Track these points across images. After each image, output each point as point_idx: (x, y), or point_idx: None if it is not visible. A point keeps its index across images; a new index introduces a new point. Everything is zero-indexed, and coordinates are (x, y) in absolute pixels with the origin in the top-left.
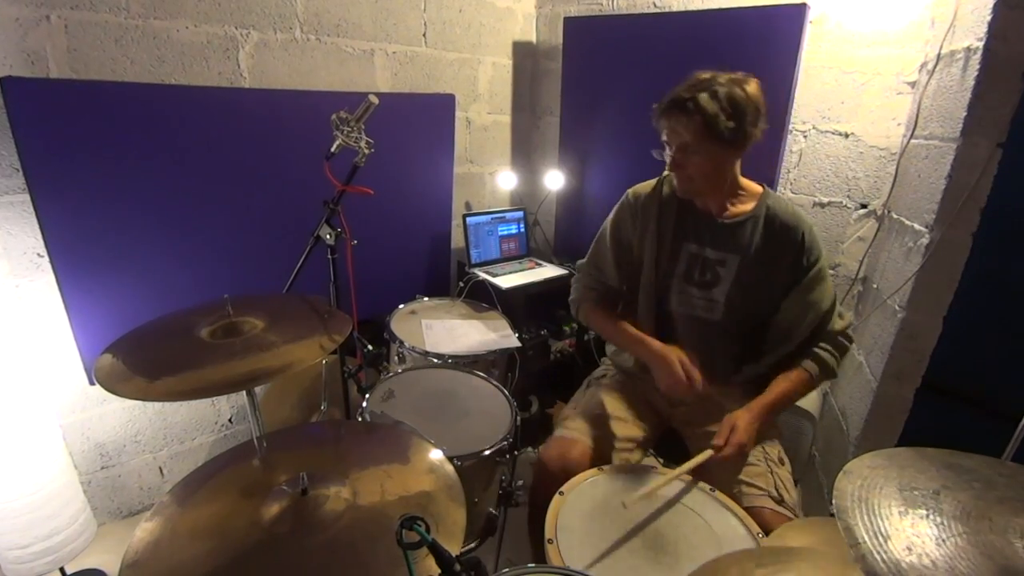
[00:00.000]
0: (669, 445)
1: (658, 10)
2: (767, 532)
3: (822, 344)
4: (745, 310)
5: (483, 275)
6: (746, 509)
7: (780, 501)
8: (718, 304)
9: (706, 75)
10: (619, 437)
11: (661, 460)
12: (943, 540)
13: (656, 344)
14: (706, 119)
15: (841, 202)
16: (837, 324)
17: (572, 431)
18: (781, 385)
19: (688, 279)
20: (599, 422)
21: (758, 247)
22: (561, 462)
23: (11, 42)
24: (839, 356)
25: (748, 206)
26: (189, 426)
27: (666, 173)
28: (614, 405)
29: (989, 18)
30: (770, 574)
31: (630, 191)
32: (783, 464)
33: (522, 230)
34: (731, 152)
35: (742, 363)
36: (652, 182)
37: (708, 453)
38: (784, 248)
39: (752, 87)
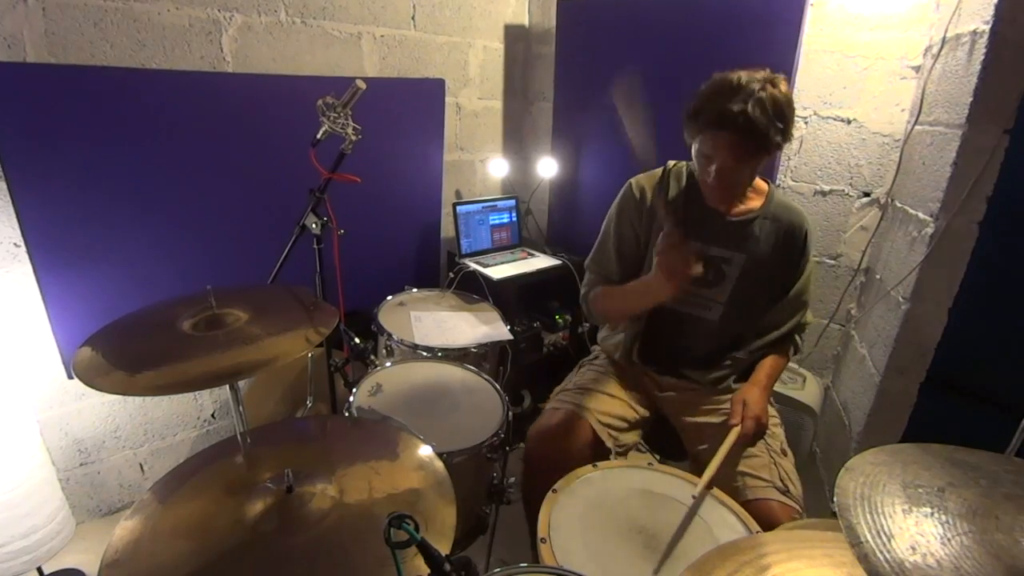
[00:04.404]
0: (663, 441)
1: None
2: (775, 525)
3: (799, 335)
4: (744, 309)
5: (474, 265)
6: (752, 502)
7: (786, 492)
8: (718, 304)
9: (734, 77)
10: (611, 413)
11: (657, 456)
12: (948, 539)
13: (643, 280)
14: (757, 136)
15: (843, 190)
16: (808, 317)
17: (565, 404)
18: (768, 364)
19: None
20: (592, 396)
21: (765, 246)
22: (554, 433)
23: None
24: (802, 336)
25: (756, 203)
26: (170, 421)
27: (672, 164)
28: (606, 383)
29: (996, 0)
30: (774, 564)
31: (632, 182)
32: (786, 455)
33: (514, 219)
34: (772, 157)
35: (727, 353)
36: (656, 174)
37: (733, 434)
38: (790, 248)
39: (784, 86)
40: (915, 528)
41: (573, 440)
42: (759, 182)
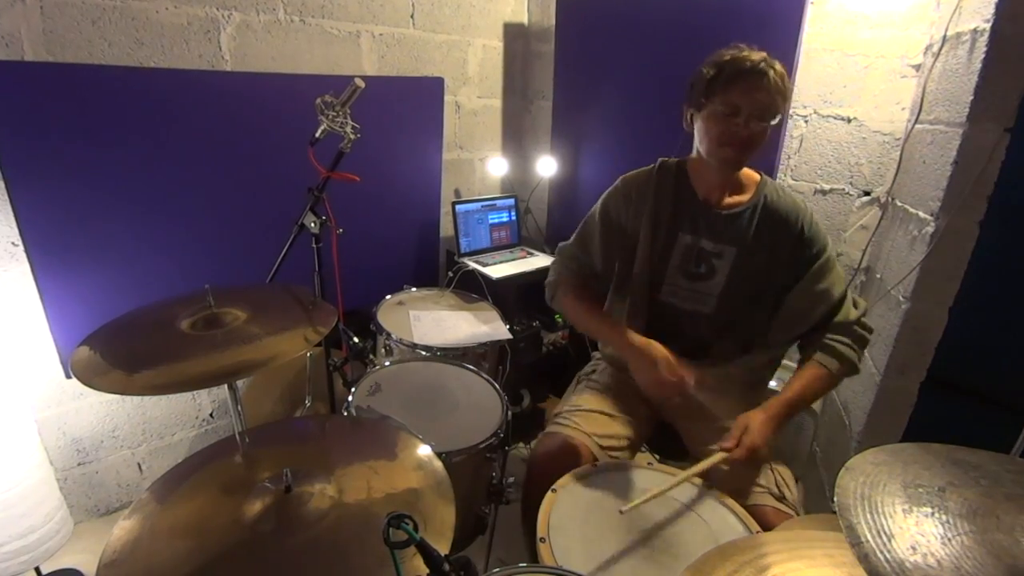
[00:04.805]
0: (663, 440)
1: None
2: (768, 531)
3: (837, 337)
4: (739, 303)
5: (473, 264)
6: (747, 507)
7: (781, 498)
8: (711, 297)
9: (740, 46)
10: (611, 435)
11: (657, 456)
12: (949, 539)
13: (636, 339)
14: (784, 87)
15: (843, 189)
16: (851, 313)
17: (564, 427)
18: (796, 384)
19: (682, 271)
20: (591, 418)
21: (756, 239)
22: (554, 458)
23: None
24: (858, 348)
25: (746, 196)
26: (169, 421)
27: (662, 160)
28: (605, 402)
29: None
30: (774, 565)
31: (622, 178)
32: (782, 460)
33: (513, 218)
34: (779, 123)
35: (738, 353)
36: (646, 169)
37: (719, 456)
38: (783, 240)
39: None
40: (916, 528)
41: (573, 466)
42: (751, 173)
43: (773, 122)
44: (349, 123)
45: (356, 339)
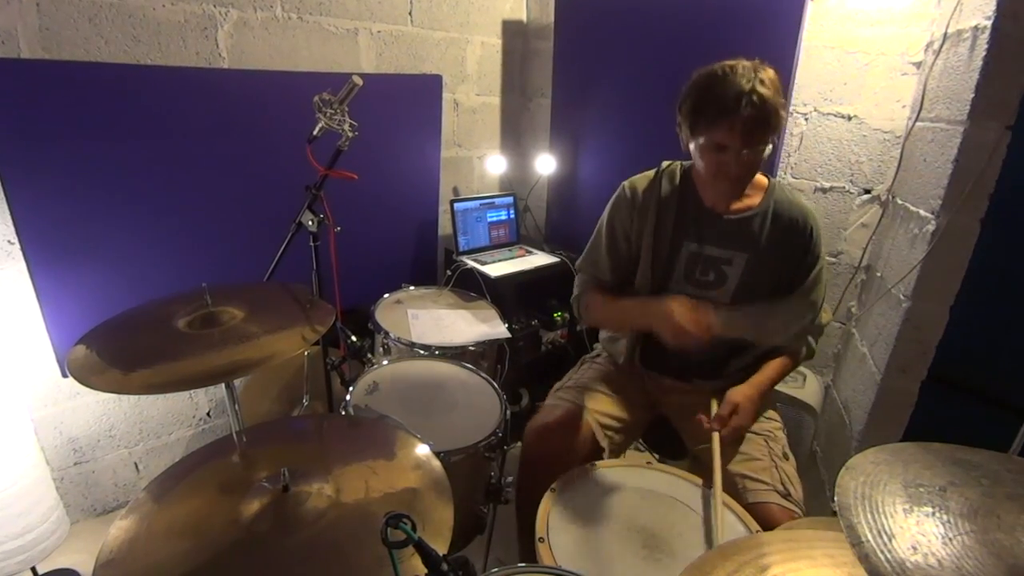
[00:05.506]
0: (662, 439)
1: None
2: (774, 528)
3: (810, 335)
4: None
5: (471, 263)
6: (752, 505)
7: (786, 495)
8: (720, 306)
9: (722, 66)
10: (610, 414)
11: (656, 455)
12: (950, 539)
13: (651, 302)
14: (770, 111)
15: (844, 187)
16: (823, 318)
17: (565, 400)
18: (774, 367)
19: (688, 279)
20: (592, 395)
21: (767, 244)
22: (552, 429)
23: None
24: (817, 339)
25: (755, 200)
26: (166, 420)
27: (666, 164)
28: (607, 383)
29: None
30: (774, 565)
31: (626, 183)
32: (787, 459)
33: (512, 216)
34: (777, 135)
35: (731, 358)
36: (650, 174)
37: (716, 442)
38: (793, 244)
39: (769, 67)
40: (916, 528)
41: (571, 438)
42: (759, 177)
43: (768, 146)
44: (347, 121)
45: (354, 338)
